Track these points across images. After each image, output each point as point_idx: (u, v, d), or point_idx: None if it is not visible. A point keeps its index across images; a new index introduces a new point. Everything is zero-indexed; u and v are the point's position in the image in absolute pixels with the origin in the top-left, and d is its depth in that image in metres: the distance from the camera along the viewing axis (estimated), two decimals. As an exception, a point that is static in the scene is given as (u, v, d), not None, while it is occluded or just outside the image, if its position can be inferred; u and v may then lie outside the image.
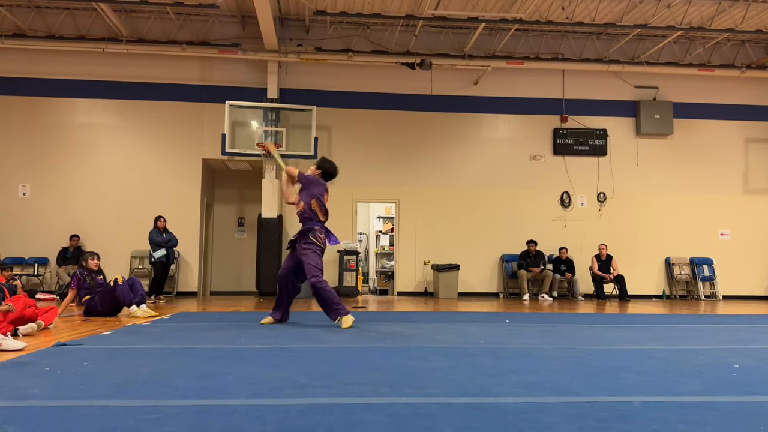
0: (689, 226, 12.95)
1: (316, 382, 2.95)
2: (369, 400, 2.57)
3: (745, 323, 7.04)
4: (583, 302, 11.22)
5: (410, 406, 2.47)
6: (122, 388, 2.82)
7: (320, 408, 2.42)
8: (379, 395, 2.66)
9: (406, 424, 2.18)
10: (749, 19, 11.48)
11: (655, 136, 13.04)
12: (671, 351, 4.37)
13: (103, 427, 2.11)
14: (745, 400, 2.68)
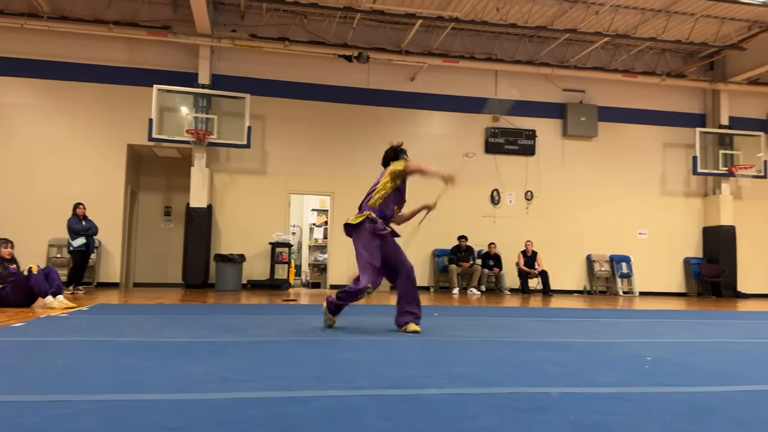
0: (610, 225, 13.57)
1: (240, 376, 2.89)
2: (294, 393, 2.53)
3: (658, 318, 7.45)
4: (509, 296, 11.55)
5: (337, 399, 2.45)
6: (32, 382, 2.66)
7: (244, 402, 2.37)
8: (305, 388, 2.63)
9: (332, 417, 2.16)
10: (670, 30, 12.12)
11: (581, 138, 13.57)
12: (589, 344, 4.56)
13: (4, 425, 1.98)
14: (655, 391, 2.82)
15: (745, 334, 5.57)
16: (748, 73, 13.14)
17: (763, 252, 14.07)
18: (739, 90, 13.84)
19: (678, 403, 2.58)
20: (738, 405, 2.56)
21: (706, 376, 3.28)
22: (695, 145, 13.48)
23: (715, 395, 2.75)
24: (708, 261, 13.72)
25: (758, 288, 13.96)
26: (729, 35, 12.38)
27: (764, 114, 14.42)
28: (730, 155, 13.63)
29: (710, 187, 14.11)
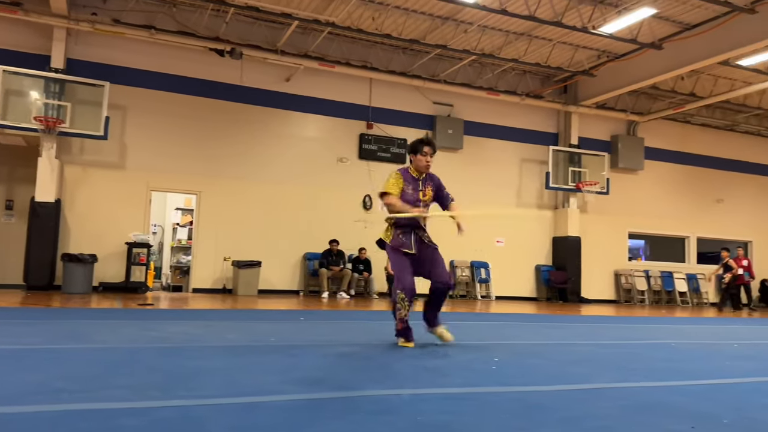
0: (471, 233, 14.18)
1: (75, 386, 2.65)
2: (134, 404, 2.37)
3: (510, 321, 7.95)
4: (377, 300, 11.75)
5: (180, 409, 2.33)
6: None
7: (75, 414, 2.17)
8: (146, 399, 2.47)
9: (171, 429, 2.04)
10: (531, 53, 13.04)
11: (448, 149, 14.16)
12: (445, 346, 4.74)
13: None
14: (500, 390, 2.98)
15: (584, 337, 6.10)
16: (596, 98, 14.48)
17: (604, 261, 15.54)
18: (588, 113, 15.20)
19: (515, 401, 2.75)
20: (569, 402, 2.78)
21: (546, 376, 3.52)
22: (548, 161, 14.60)
23: (550, 394, 2.96)
24: (556, 268, 14.90)
25: (599, 294, 15.39)
26: (581, 62, 13.58)
27: (608, 136, 15.96)
28: (578, 172, 14.92)
29: (560, 201, 15.34)
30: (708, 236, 16.99)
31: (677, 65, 12.19)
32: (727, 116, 16.64)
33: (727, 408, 2.77)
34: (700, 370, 4.03)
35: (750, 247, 17.34)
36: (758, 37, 10.69)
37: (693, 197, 16.83)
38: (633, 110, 15.67)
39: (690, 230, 16.83)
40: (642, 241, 17.76)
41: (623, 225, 15.98)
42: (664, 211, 16.44)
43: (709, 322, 9.78)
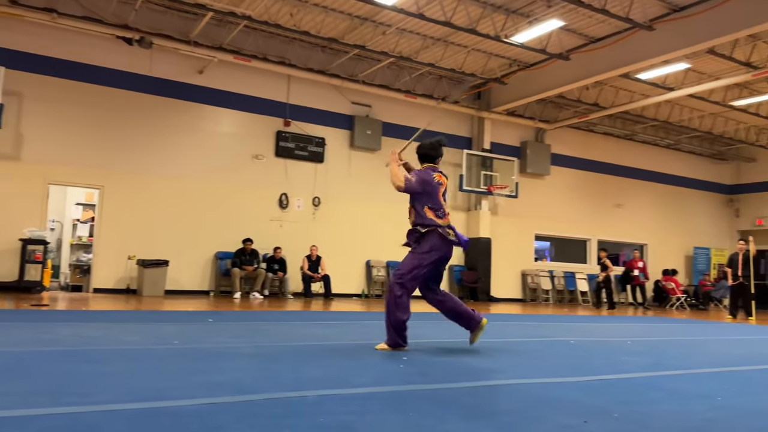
0: (388, 233, 14.38)
1: (-53, 396, 2.42)
2: (15, 412, 2.20)
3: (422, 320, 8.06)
4: (291, 300, 11.61)
5: (69, 417, 2.18)
6: None
7: (-56, 428, 1.98)
8: (30, 406, 2.30)
9: (55, 439, 1.91)
10: (446, 58, 13.33)
11: (366, 150, 14.23)
12: (356, 345, 4.75)
13: None
14: (407, 389, 3.01)
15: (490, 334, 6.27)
16: (507, 105, 15.02)
17: (512, 262, 16.14)
18: (499, 119, 15.74)
19: (421, 398, 2.79)
20: (473, 399, 2.85)
21: (451, 373, 3.60)
22: (462, 164, 14.99)
23: (455, 391, 3.03)
24: (468, 269, 15.32)
25: (507, 293, 15.98)
26: (494, 70, 14.04)
27: (518, 142, 16.60)
28: (490, 176, 15.43)
29: (473, 203, 15.79)
30: (608, 239, 18.04)
31: (583, 76, 12.86)
32: (627, 126, 17.75)
33: (618, 402, 2.93)
34: (595, 366, 4.26)
35: (645, 250, 18.59)
36: (655, 52, 11.47)
37: (594, 202, 17.82)
38: (541, 118, 16.38)
39: (591, 233, 17.81)
40: (548, 242, 18.60)
41: (530, 227, 16.68)
42: (568, 214, 17.30)
43: (607, 320, 10.37)
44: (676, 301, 16.86)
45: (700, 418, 2.67)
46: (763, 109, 15.68)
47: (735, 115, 16.60)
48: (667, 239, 19.00)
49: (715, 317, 12.83)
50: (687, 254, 19.51)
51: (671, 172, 19.40)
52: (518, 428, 2.32)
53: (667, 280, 17.40)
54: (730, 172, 20.63)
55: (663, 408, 2.85)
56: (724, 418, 2.71)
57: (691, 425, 2.53)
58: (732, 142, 18.73)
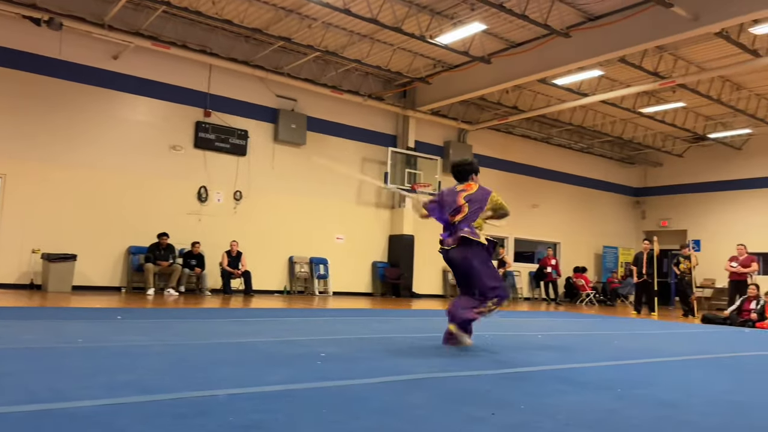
0: (312, 229, 14.31)
1: None
2: None
3: (344, 316, 8.06)
4: (209, 297, 11.29)
5: (-50, 423, 2.01)
6: None
7: None
8: None
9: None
10: (373, 55, 13.36)
11: (291, 144, 14.04)
12: (274, 343, 4.67)
13: None
14: (322, 386, 2.99)
15: (409, 330, 6.37)
16: (432, 104, 15.25)
17: (434, 259, 16.33)
18: (424, 118, 15.96)
19: (337, 395, 2.77)
20: (386, 394, 2.87)
21: (369, 369, 3.61)
22: (387, 162, 15.09)
23: (371, 386, 3.04)
24: (391, 265, 15.46)
25: (429, 289, 16.24)
26: (419, 69, 14.20)
27: (442, 141, 16.89)
28: (414, 174, 15.61)
29: (397, 201, 15.93)
30: (524, 237, 18.72)
31: (503, 79, 13.24)
32: (544, 129, 18.45)
33: (525, 394, 3.04)
34: (506, 359, 4.40)
35: (558, 248, 19.41)
36: (571, 59, 11.97)
37: (512, 202, 18.19)
38: (464, 119, 16.75)
39: (509, 231, 18.40)
40: (469, 240, 19.05)
41: (453, 225, 17.01)
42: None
43: (521, 315, 10.76)
44: (585, 297, 17.72)
45: (602, 409, 2.81)
46: (668, 116, 16.72)
47: (643, 122, 17.62)
48: (579, 238, 19.93)
49: (621, 313, 13.58)
50: (597, 252, 20.54)
51: (584, 175, 20.36)
52: (428, 421, 2.35)
53: (578, 277, 18.26)
54: (637, 175, 21.90)
55: (568, 399, 2.98)
56: (624, 408, 2.87)
57: (592, 416, 2.66)
58: (640, 147, 19.88)
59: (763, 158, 18.24)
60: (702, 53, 12.60)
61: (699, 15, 9.94)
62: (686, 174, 20.21)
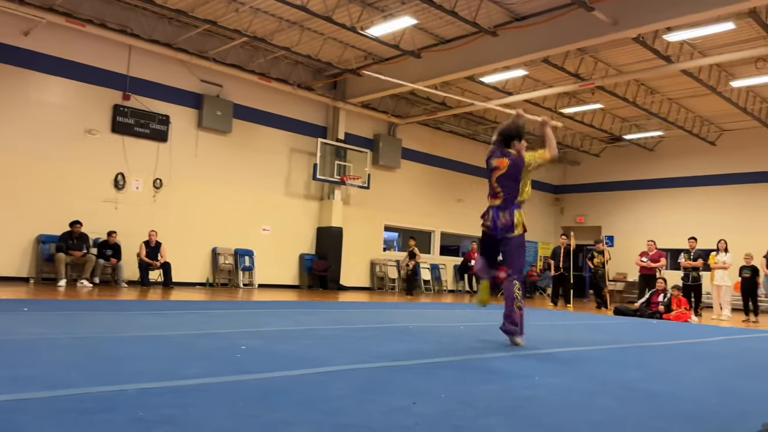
0: (237, 220, 13.96)
1: None
2: None
3: (268, 309, 7.92)
4: (126, 289, 10.80)
5: None
6: None
7: None
8: None
9: None
10: (303, 44, 13.15)
11: (216, 132, 13.62)
12: (191, 336, 4.51)
13: None
14: (238, 379, 2.90)
15: (334, 322, 6.33)
16: (362, 97, 15.21)
17: (362, 251, 16.44)
18: (354, 110, 15.90)
19: (255, 388, 2.70)
20: (307, 386, 2.82)
21: (290, 361, 3.54)
22: (317, 153, 14.94)
23: (291, 379, 2.98)
24: (319, 257, 15.34)
25: (356, 282, 16.25)
26: (349, 61, 14.11)
27: (372, 134, 16.90)
28: (344, 166, 15.54)
29: (326, 193, 15.82)
30: (450, 231, 19.07)
31: (432, 75, 13.37)
32: (470, 126, 18.83)
33: (446, 383, 3.07)
34: (429, 350, 4.44)
35: (483, 242, 19.88)
36: (498, 58, 12.25)
37: (439, 196, 18.71)
38: (393, 113, 16.82)
39: (435, 225, 18.70)
40: (396, 233, 19.22)
41: (380, 218, 17.10)
42: (415, 207, 18.00)
43: (446, 307, 10.96)
44: (507, 290, 18.23)
45: (519, 396, 2.88)
46: (587, 117, 17.46)
47: (564, 122, 18.30)
48: (503, 233, 20.48)
49: (539, 305, 14.10)
50: (519, 247, 21.19)
51: (508, 171, 20.91)
52: (349, 412, 2.32)
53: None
54: (557, 173, 22.76)
55: (487, 387, 3.03)
56: (540, 395, 2.95)
57: (510, 403, 2.72)
58: (560, 146, 20.62)
59: (672, 160, 19.39)
60: (620, 57, 13.21)
61: (618, 20, 10.41)
62: (602, 173, 21.20)
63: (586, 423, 2.41)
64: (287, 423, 2.12)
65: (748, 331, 8.95)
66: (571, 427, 2.30)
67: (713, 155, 18.53)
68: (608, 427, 2.36)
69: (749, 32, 11.33)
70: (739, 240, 14.52)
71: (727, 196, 18.12)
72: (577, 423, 2.39)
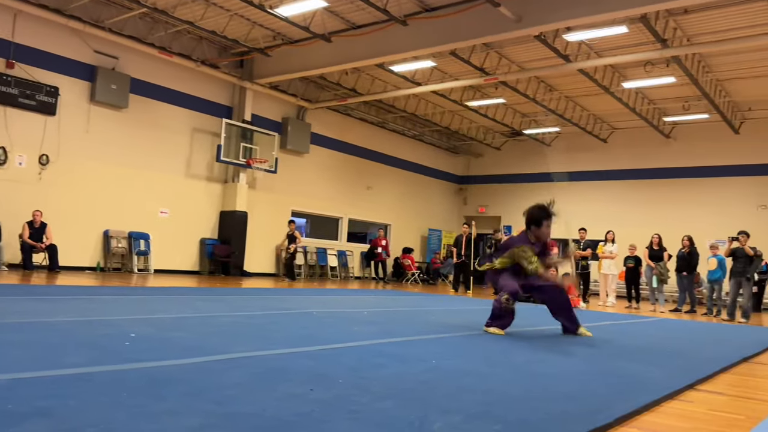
0: (133, 201, 13.25)
1: None
2: None
3: (164, 295, 7.58)
4: (5, 273, 9.97)
5: None
6: None
7: None
8: None
9: None
10: (208, 19, 12.61)
11: (110, 107, 12.82)
12: (77, 322, 4.22)
13: None
14: (125, 368, 2.73)
15: (235, 309, 6.15)
16: (271, 78, 14.85)
17: (267, 237, 16.14)
18: (262, 91, 15.50)
19: (143, 378, 2.55)
20: (199, 375, 2.70)
21: (183, 349, 3.39)
22: (221, 134, 14.44)
23: (183, 367, 2.85)
24: (222, 242, 14.90)
25: (261, 268, 15.96)
26: (257, 39, 13.71)
27: (280, 117, 16.57)
28: (250, 149, 15.15)
29: (230, 175, 15.36)
30: (358, 218, 19.15)
31: (342, 60, 13.29)
32: (380, 114, 18.94)
33: (345, 369, 3.06)
34: (330, 336, 4.42)
35: (389, 230, 20.16)
36: (407, 47, 12.36)
37: (348, 183, 18.72)
38: (303, 96, 16.58)
39: (343, 212, 18.71)
40: (304, 219, 19.03)
41: (287, 203, 16.86)
42: (323, 193, 17.90)
43: (351, 293, 10.99)
44: (411, 276, 18.65)
45: (416, 380, 2.92)
46: (490, 111, 18.05)
47: (469, 115, 18.84)
48: (407, 221, 20.88)
49: (441, 291, 14.49)
50: (423, 235, 21.70)
51: (415, 161, 21.31)
52: (242, 400, 2.25)
53: (405, 257, 19.15)
54: (461, 164, 23.44)
55: (385, 372, 3.05)
56: (436, 378, 3.01)
57: (407, 386, 2.75)
58: (465, 138, 21.26)
59: (567, 155, 20.50)
60: (523, 54, 13.74)
61: (522, 17, 10.80)
62: (503, 165, 22.06)
63: (477, 404, 2.48)
64: (173, 413, 2.02)
65: (631, 316, 9.67)
66: (462, 409, 2.36)
67: (604, 152, 19.79)
68: (497, 407, 2.45)
69: (640, 37, 12.13)
70: (626, 232, 15.64)
71: (615, 190, 19.43)
72: (468, 405, 2.45)
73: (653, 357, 4.50)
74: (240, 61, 15.06)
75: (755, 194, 17.04)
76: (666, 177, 18.58)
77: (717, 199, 17.54)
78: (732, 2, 10.75)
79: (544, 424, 2.26)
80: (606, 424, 2.33)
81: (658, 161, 18.72)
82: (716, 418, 2.69)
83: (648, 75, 13.99)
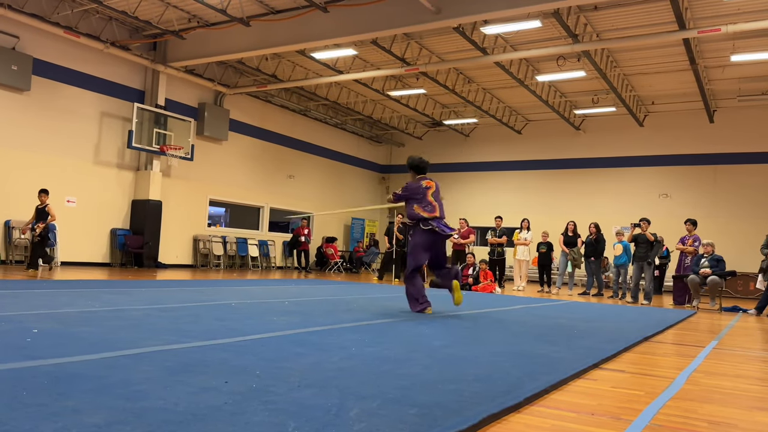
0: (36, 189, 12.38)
1: None
2: None
3: (70, 288, 7.18)
4: None
5: None
6: None
7: None
8: None
9: None
10: (117, -1, 11.97)
11: (10, 88, 11.94)
12: (-29, 320, 3.92)
13: None
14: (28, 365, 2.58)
15: (147, 302, 5.92)
16: (186, 61, 14.29)
17: (183, 226, 15.63)
18: (176, 75, 14.90)
19: (44, 375, 2.41)
20: (107, 370, 2.59)
21: (89, 345, 3.23)
22: (132, 119, 13.78)
23: (89, 363, 2.71)
24: (134, 233, 14.27)
25: (177, 259, 15.43)
26: (171, 21, 13.14)
27: (196, 103, 16.01)
28: (164, 135, 14.55)
29: (143, 163, 14.70)
30: (280, 207, 18.88)
31: (262, 45, 12.99)
32: (302, 102, 18.70)
33: (262, 360, 3.02)
34: (248, 327, 4.35)
35: (312, 219, 20.01)
36: (328, 34, 12.24)
37: (269, 171, 18.40)
38: (221, 81, 16.10)
39: (265, 201, 18.39)
40: (223, 208, 18.56)
41: (205, 192, 16.37)
42: (244, 181, 17.51)
43: (273, 283, 10.84)
44: (334, 265, 18.63)
45: (335, 368, 2.92)
46: (411, 101, 18.24)
47: (390, 104, 18.96)
48: (330, 209, 20.80)
49: (365, 279, 14.57)
50: (346, 224, 21.71)
51: (337, 149, 21.23)
52: (154, 395, 2.17)
53: (328, 246, 19.10)
54: (384, 153, 23.58)
55: (304, 361, 3.04)
56: (355, 365, 3.02)
57: (325, 375, 2.75)
58: (387, 127, 21.39)
59: (484, 145, 21.09)
60: (442, 45, 13.96)
61: (441, 9, 10.95)
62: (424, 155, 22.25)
63: (394, 389, 2.52)
64: (77, 411, 1.92)
65: (543, 300, 10.10)
66: (379, 395, 2.38)
67: (519, 143, 20.50)
68: (413, 391, 2.49)
69: (553, 32, 12.61)
70: (539, 220, 16.30)
71: (530, 180, 20.19)
72: (386, 390, 2.48)
73: (562, 338, 4.73)
74: (153, 44, 14.41)
75: (657, 184, 18.21)
76: (576, 167, 19.50)
77: (622, 188, 18.62)
78: (637, 1, 11.37)
79: (457, 405, 2.32)
80: (516, 403, 2.43)
81: (569, 152, 19.61)
82: (618, 395, 2.87)
83: (560, 69, 14.58)
